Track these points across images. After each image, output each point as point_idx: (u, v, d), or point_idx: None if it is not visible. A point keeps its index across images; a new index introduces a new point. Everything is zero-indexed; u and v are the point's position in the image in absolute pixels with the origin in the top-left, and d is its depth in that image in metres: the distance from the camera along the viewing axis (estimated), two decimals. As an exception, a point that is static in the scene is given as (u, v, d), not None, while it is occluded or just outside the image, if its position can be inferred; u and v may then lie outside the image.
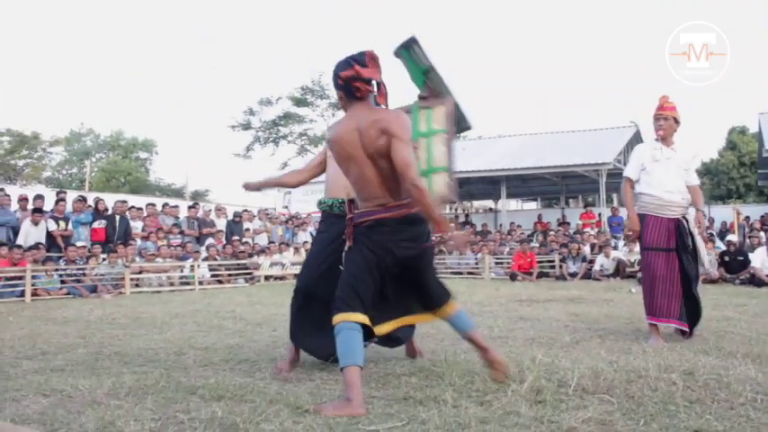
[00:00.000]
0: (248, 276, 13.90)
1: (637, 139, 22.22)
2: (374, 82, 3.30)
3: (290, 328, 4.16)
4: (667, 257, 5.07)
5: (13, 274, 10.38)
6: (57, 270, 11.15)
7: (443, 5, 76.62)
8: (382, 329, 3.49)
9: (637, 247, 13.32)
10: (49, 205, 12.93)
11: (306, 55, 75.33)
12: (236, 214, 16.53)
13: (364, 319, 3.24)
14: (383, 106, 3.38)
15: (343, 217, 3.92)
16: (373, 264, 3.29)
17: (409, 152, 3.15)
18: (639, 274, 12.19)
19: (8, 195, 12.49)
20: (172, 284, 12.58)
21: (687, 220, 5.16)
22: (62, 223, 12.37)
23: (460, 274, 15.04)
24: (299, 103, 36.88)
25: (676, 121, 5.26)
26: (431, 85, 3.86)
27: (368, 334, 3.30)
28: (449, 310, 3.55)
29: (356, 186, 3.37)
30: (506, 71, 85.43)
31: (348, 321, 3.19)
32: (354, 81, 3.26)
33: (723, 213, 18.91)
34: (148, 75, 75.69)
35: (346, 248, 3.43)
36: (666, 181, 5.15)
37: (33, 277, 10.45)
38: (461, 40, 79.06)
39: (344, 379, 3.10)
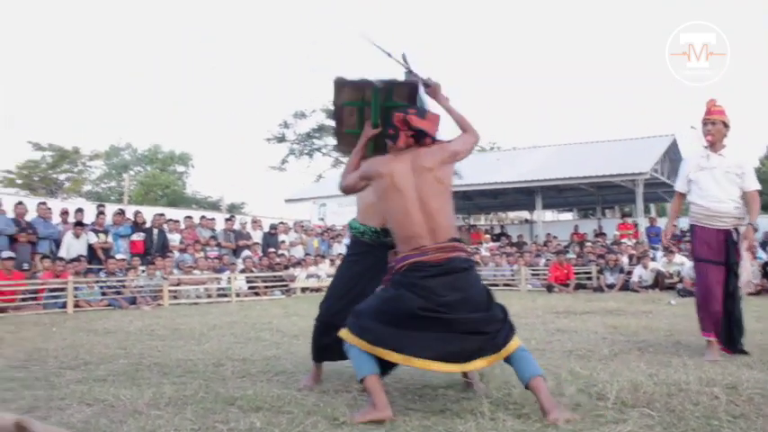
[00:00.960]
0: (284, 288, 13.97)
1: (674, 148, 21.92)
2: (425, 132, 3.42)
3: (312, 351, 4.11)
4: (716, 271, 4.90)
5: (55, 286, 10.59)
6: (97, 282, 11.35)
7: (473, 14, 76.59)
8: (450, 368, 3.24)
9: (675, 258, 13.26)
10: (89, 218, 13.17)
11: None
12: (272, 226, 16.69)
13: (367, 347, 3.16)
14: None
15: (373, 246, 3.94)
16: (412, 305, 3.13)
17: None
18: (679, 286, 12.09)
19: (50, 209, 12.74)
20: (209, 296, 12.71)
21: (738, 232, 4.94)
22: (102, 236, 12.63)
23: (496, 285, 14.93)
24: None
25: (725, 126, 5.03)
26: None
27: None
28: (512, 348, 3.19)
29: (396, 224, 3.33)
30: (540, 81, 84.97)
31: (348, 343, 3.23)
32: (405, 126, 3.37)
33: (766, 223, 18.50)
34: (185, 89, 76.96)
35: (382, 287, 3.36)
36: (714, 190, 4.95)
37: (75, 289, 10.63)
38: (493, 50, 78.95)
39: (366, 388, 3.17)
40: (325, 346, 3.94)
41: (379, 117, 3.68)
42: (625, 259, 14.59)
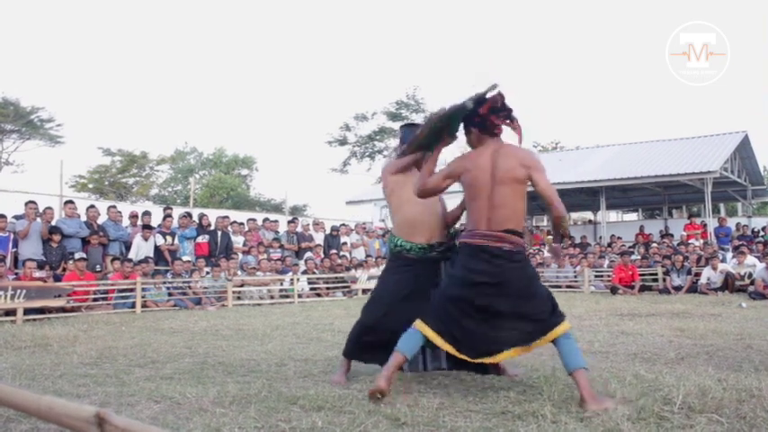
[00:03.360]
0: (346, 289, 14.08)
1: (746, 145, 21.20)
2: (513, 115, 3.55)
3: (347, 348, 4.25)
4: None
5: (125, 287, 10.91)
6: (164, 283, 11.65)
7: (531, 13, 75.60)
8: (497, 358, 3.56)
9: (747, 260, 12.79)
10: (156, 221, 13.48)
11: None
12: (334, 228, 16.82)
13: (433, 336, 3.49)
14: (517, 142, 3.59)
15: (418, 260, 4.01)
16: (464, 286, 3.45)
17: (548, 180, 3.48)
18: (751, 288, 11.68)
19: (120, 212, 13.10)
20: (272, 297, 12.89)
21: None
22: (169, 238, 12.94)
23: (559, 287, 14.74)
24: (395, 117, 37.22)
25: None
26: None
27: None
28: (558, 332, 3.44)
29: (468, 210, 3.61)
30: (604, 78, 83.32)
31: (417, 329, 3.53)
32: (491, 116, 3.49)
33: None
34: (248, 94, 78.20)
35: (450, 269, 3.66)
36: None
37: (143, 289, 10.92)
38: (555, 49, 77.70)
39: (391, 359, 3.49)
40: (364, 346, 4.11)
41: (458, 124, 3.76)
42: (692, 260, 14.19)
